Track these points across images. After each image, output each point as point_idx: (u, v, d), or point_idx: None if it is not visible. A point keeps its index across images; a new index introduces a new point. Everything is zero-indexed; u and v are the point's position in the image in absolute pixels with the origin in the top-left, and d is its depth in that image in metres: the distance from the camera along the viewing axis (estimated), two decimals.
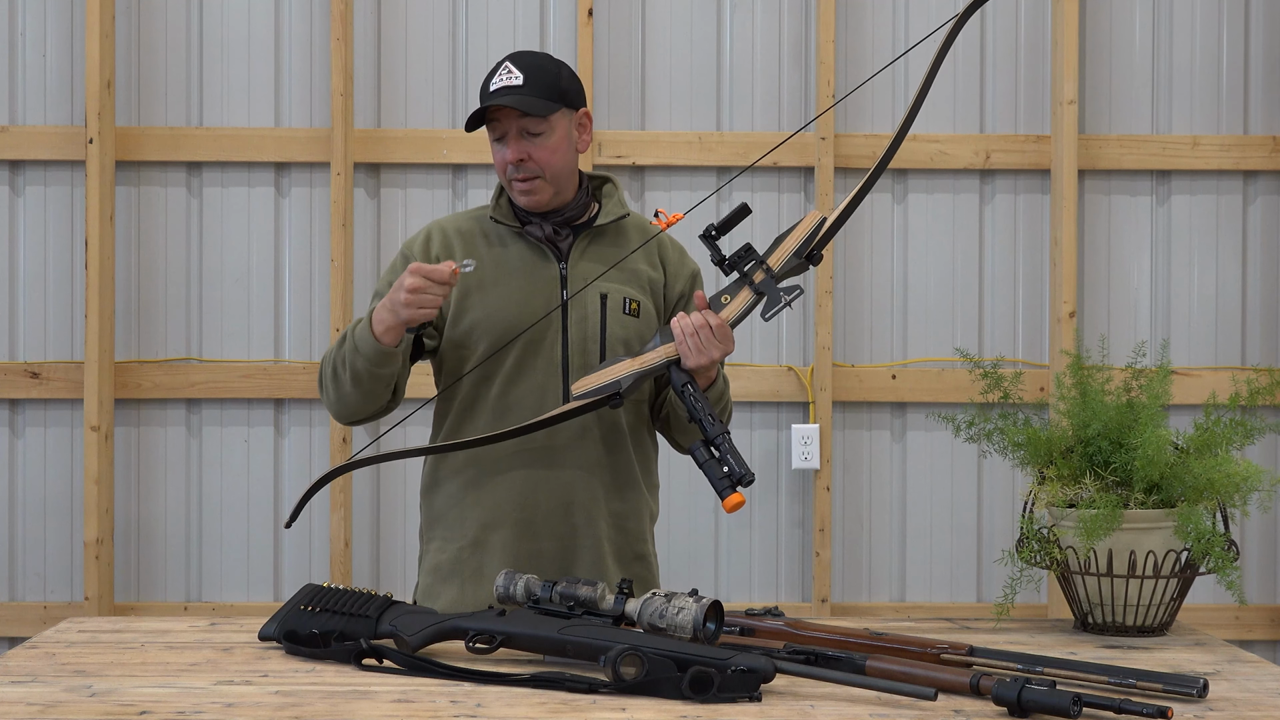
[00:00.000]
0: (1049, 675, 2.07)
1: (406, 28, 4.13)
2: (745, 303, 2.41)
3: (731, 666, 1.96)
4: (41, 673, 2.14)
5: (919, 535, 4.17)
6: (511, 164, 2.54)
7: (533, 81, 2.52)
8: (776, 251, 2.41)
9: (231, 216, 4.12)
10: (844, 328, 4.15)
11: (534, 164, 2.54)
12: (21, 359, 4.10)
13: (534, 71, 2.53)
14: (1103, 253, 4.18)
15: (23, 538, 4.10)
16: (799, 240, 2.40)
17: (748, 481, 2.33)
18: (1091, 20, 4.16)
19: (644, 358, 2.42)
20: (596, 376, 2.43)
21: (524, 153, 2.54)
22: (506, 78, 2.52)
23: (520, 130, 2.53)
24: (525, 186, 2.56)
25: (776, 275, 2.40)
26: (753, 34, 4.15)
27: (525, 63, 2.54)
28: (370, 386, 2.52)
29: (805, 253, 2.40)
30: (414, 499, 3.92)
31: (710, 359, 2.39)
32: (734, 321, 2.42)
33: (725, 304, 2.41)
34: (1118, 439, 2.52)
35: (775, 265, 2.40)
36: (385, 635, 2.22)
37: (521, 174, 2.55)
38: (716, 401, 2.53)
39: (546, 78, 2.54)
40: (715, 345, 2.39)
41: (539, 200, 2.58)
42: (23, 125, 4.09)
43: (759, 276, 2.40)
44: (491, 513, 2.59)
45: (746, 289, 2.41)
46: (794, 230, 2.41)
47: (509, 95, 2.50)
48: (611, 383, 2.42)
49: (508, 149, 2.54)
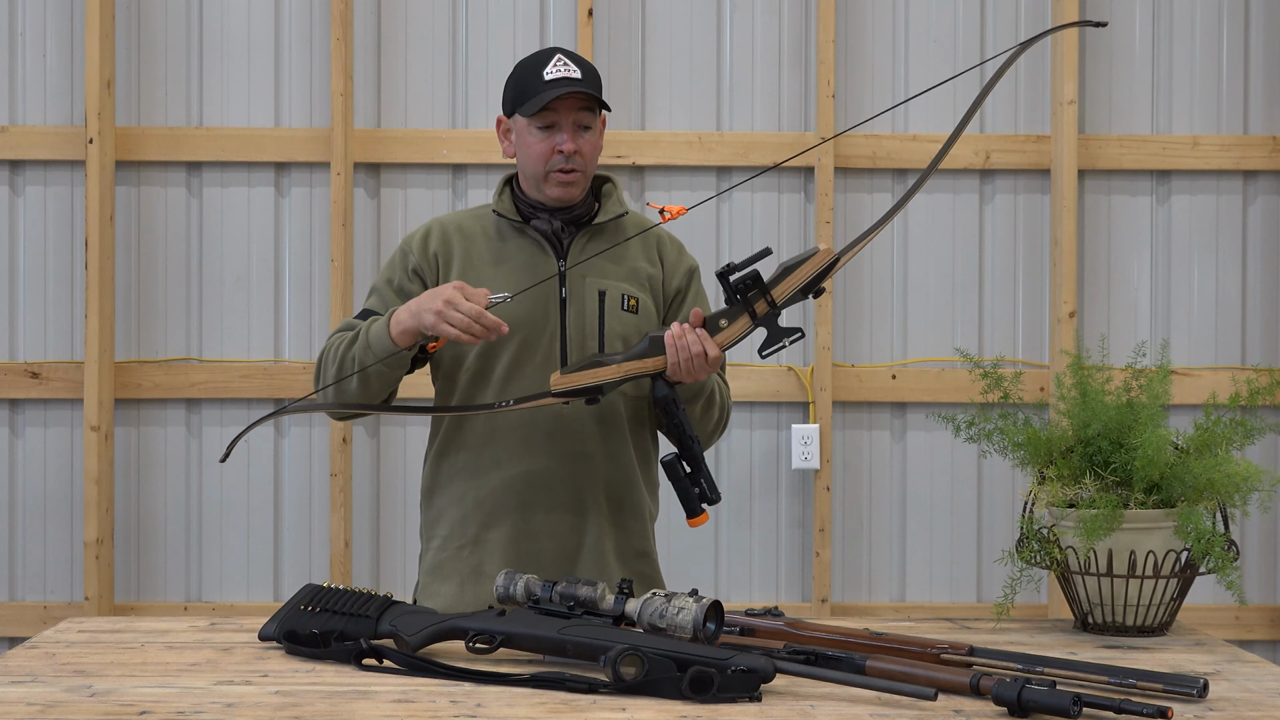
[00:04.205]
0: (1049, 675, 2.07)
1: (406, 28, 4.13)
2: (742, 330, 2.40)
3: (731, 666, 1.96)
4: (41, 673, 2.14)
5: (919, 535, 4.17)
6: (564, 153, 2.55)
7: (588, 78, 2.56)
8: (782, 284, 2.36)
9: (231, 217, 4.12)
10: (844, 328, 4.15)
11: (582, 158, 2.57)
12: (21, 359, 4.10)
13: (587, 68, 2.58)
14: (1103, 253, 4.18)
15: (23, 538, 4.10)
16: (806, 277, 2.36)
17: (715, 501, 2.40)
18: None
19: (630, 366, 2.41)
20: (580, 376, 2.42)
21: (578, 145, 2.56)
22: (565, 69, 2.54)
23: (577, 124, 2.56)
24: (568, 178, 2.57)
25: (779, 308, 2.38)
26: (753, 34, 4.15)
27: (577, 59, 2.58)
28: (377, 385, 2.53)
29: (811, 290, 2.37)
30: (414, 499, 3.92)
31: (695, 379, 2.43)
32: (728, 346, 2.42)
33: (722, 328, 2.40)
34: (1118, 439, 2.52)
35: (780, 298, 2.37)
36: (385, 635, 2.22)
37: (570, 165, 2.56)
38: (700, 391, 2.55)
39: (596, 77, 2.59)
40: (705, 369, 2.42)
41: (574, 193, 2.59)
42: (23, 125, 4.09)
43: (761, 307, 2.37)
44: (491, 513, 2.60)
45: (746, 317, 2.39)
46: (803, 265, 2.36)
47: (578, 85, 2.53)
48: (593, 386, 2.42)
49: (564, 138, 2.55)
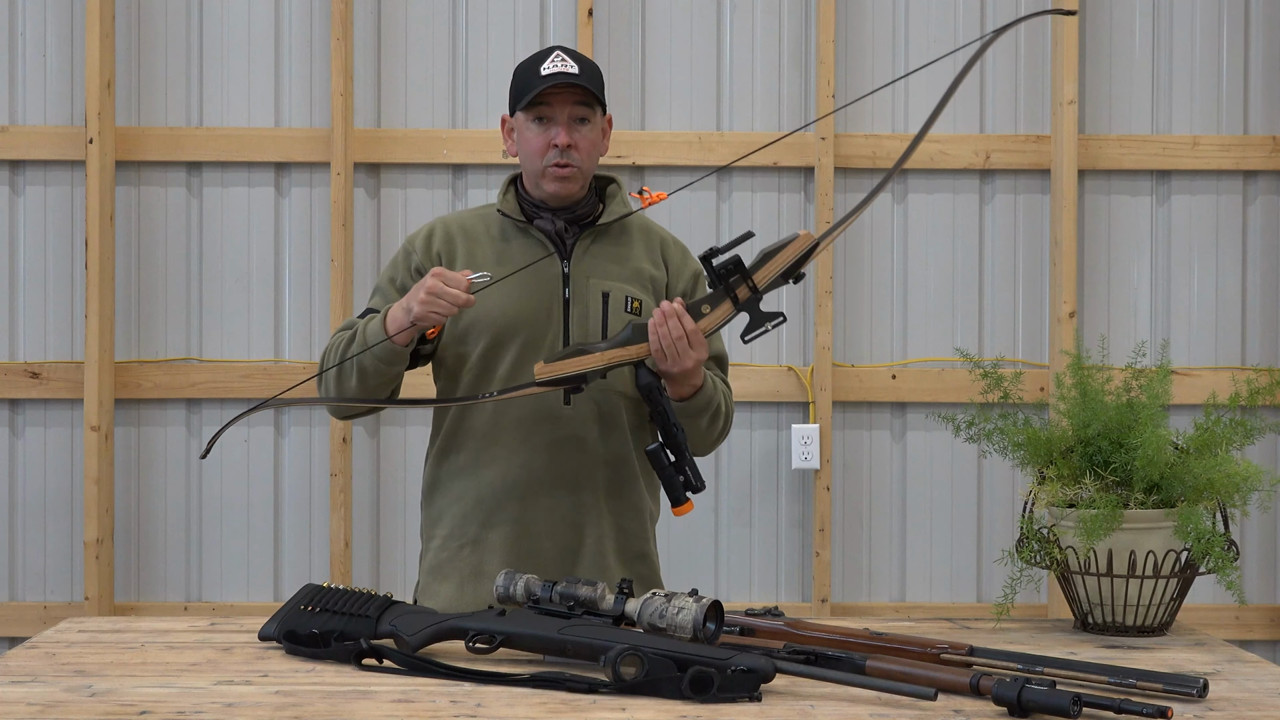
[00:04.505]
0: (1049, 675, 2.07)
1: (406, 28, 4.13)
2: (725, 316, 2.41)
3: (731, 666, 1.96)
4: (41, 673, 2.14)
5: (919, 535, 4.17)
6: (559, 147, 2.55)
7: (587, 74, 2.57)
8: (763, 270, 2.37)
9: (231, 217, 4.12)
10: (844, 328, 4.15)
11: (577, 153, 2.56)
12: (21, 359, 4.10)
13: (586, 64, 2.58)
14: (1103, 253, 4.18)
15: (23, 538, 4.10)
16: (787, 262, 2.37)
17: (699, 489, 2.43)
18: (1091, 20, 4.16)
19: (613, 354, 2.41)
20: (563, 365, 2.41)
21: (572, 139, 2.56)
22: (562, 65, 2.55)
23: (571, 117, 2.56)
24: (564, 173, 2.56)
25: (760, 293, 2.39)
26: (753, 34, 4.15)
27: (576, 56, 2.58)
28: (375, 383, 2.53)
29: (792, 274, 2.38)
30: (414, 499, 3.92)
31: (681, 367, 2.42)
32: (710, 333, 2.42)
33: (705, 314, 2.41)
34: (1118, 439, 2.52)
35: (761, 283, 2.38)
36: (385, 635, 2.22)
37: (565, 160, 2.56)
38: (705, 408, 2.55)
39: (595, 73, 2.60)
40: (689, 354, 2.41)
41: (570, 189, 2.59)
42: (23, 125, 4.09)
43: (743, 293, 2.38)
44: (492, 512, 2.60)
45: (729, 302, 2.40)
46: (783, 250, 2.37)
47: (572, 79, 2.53)
48: (576, 375, 2.42)
49: (558, 132, 2.55)
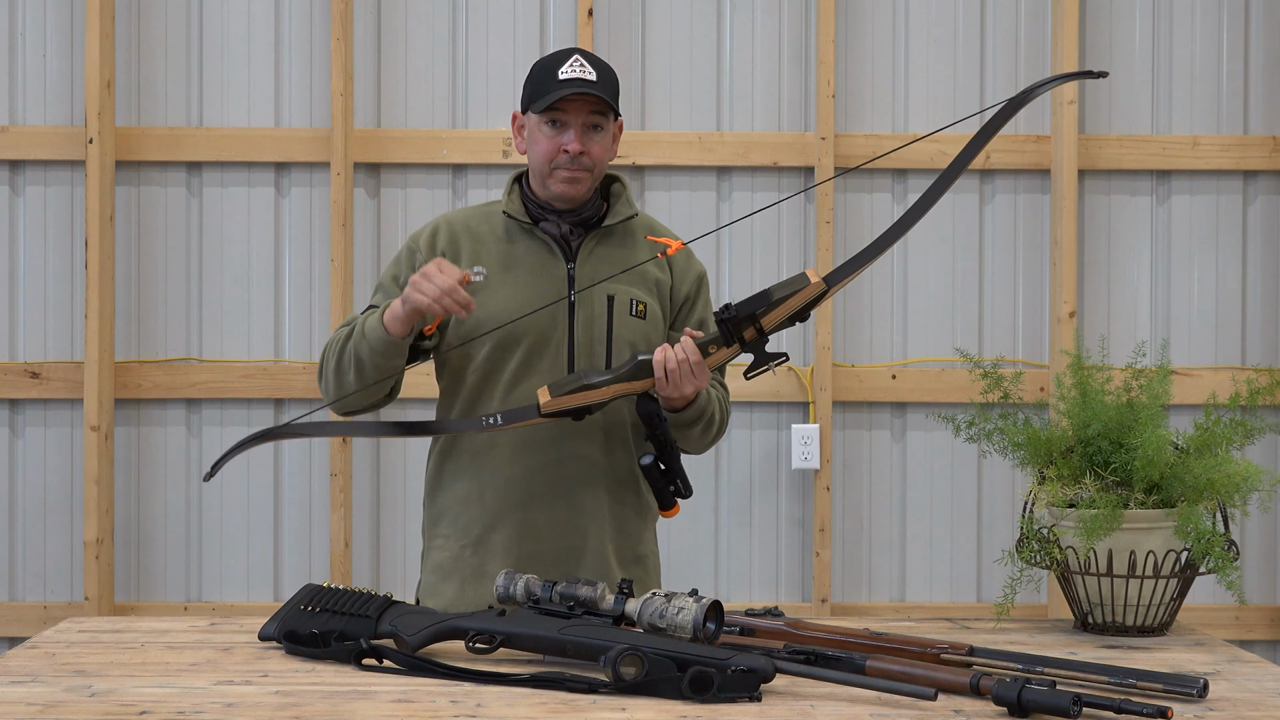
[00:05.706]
0: (1049, 675, 2.07)
1: (406, 28, 4.13)
2: (730, 355, 2.45)
3: (731, 666, 1.96)
4: (41, 673, 2.14)
5: (919, 535, 4.17)
6: (571, 153, 2.56)
7: (603, 80, 2.57)
8: (772, 314, 2.39)
9: (231, 217, 4.12)
10: (844, 328, 4.15)
11: (589, 158, 2.57)
12: (21, 359, 4.10)
13: (603, 70, 2.59)
14: (1103, 253, 4.18)
15: (23, 538, 4.10)
16: (795, 308, 2.39)
17: (687, 496, 2.54)
18: (1091, 20, 4.16)
19: (618, 388, 2.45)
20: (568, 400, 2.44)
21: (585, 146, 2.57)
22: (580, 70, 2.56)
23: (586, 124, 2.57)
24: (573, 175, 2.57)
25: (766, 335, 2.41)
26: (753, 34, 4.15)
27: (593, 60, 2.59)
28: (373, 376, 2.52)
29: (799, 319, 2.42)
30: (414, 499, 3.92)
31: (681, 393, 2.45)
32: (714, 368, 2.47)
33: (711, 354, 2.44)
34: (1118, 439, 2.52)
35: (768, 327, 2.40)
36: (385, 635, 2.23)
37: (577, 165, 2.57)
38: (698, 418, 2.56)
39: (612, 80, 2.60)
40: (689, 380, 2.44)
41: (579, 192, 2.59)
42: (23, 125, 4.09)
43: (750, 334, 2.41)
44: (494, 513, 2.60)
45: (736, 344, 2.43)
46: (793, 297, 2.39)
47: (590, 87, 2.54)
48: (582, 407, 2.45)
49: (572, 137, 2.56)
